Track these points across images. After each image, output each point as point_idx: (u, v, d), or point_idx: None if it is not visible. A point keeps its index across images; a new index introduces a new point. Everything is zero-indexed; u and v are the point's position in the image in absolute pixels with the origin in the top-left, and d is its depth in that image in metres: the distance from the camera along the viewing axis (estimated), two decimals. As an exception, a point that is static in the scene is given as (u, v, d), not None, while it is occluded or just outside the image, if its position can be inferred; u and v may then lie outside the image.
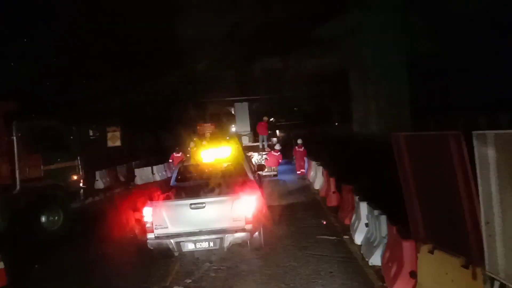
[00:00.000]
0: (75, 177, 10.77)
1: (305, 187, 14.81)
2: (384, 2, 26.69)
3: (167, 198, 7.26)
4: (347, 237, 7.86)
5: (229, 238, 6.46)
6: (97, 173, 18.16)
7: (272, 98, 41.00)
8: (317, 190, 13.18)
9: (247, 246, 6.83)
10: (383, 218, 6.09)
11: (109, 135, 18.61)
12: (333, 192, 10.59)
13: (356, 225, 7.59)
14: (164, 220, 6.61)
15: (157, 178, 20.09)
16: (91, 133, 14.93)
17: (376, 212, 6.41)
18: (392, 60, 27.43)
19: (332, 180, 10.64)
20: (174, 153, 20.02)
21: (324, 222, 9.50)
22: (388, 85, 27.43)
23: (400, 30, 26.98)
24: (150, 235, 6.61)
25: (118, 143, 18.71)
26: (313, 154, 18.44)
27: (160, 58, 30.02)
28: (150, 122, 33.13)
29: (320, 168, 13.32)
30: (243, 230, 6.52)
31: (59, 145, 10.48)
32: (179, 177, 8.35)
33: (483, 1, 27.69)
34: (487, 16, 27.33)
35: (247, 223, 6.54)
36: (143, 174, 19.64)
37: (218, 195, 7.23)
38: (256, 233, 6.80)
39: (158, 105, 32.31)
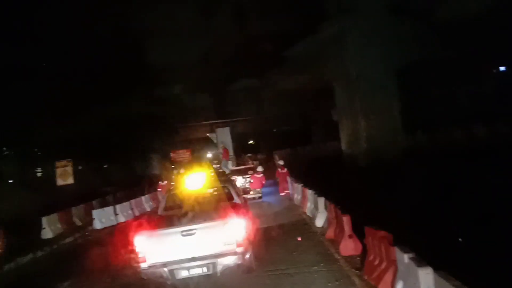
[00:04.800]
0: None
1: (293, 209, 14.23)
2: (368, 7, 24.66)
3: (158, 227, 7.15)
4: (393, 320, 4.95)
5: (222, 262, 6.55)
6: (44, 220, 14.74)
7: (253, 120, 38.73)
8: (320, 228, 10.25)
9: (239, 269, 6.80)
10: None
11: (59, 171, 15.33)
12: (349, 236, 7.69)
13: (409, 302, 4.70)
14: (156, 248, 6.63)
15: (122, 219, 16.74)
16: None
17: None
18: (380, 69, 25.29)
19: (346, 220, 7.76)
20: (160, 182, 20.73)
21: (299, 239, 9.55)
22: (377, 97, 25.12)
23: (386, 37, 25.00)
24: (143, 265, 6.62)
25: (70, 180, 15.43)
26: (300, 177, 16.81)
27: (131, 82, 27.36)
28: (121, 152, 29.74)
29: (322, 200, 10.43)
30: (235, 253, 6.59)
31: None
32: (167, 206, 8.19)
33: (471, 8, 26.25)
34: (477, 22, 25.84)
35: (238, 246, 6.62)
36: (103, 216, 16.22)
37: (208, 220, 6.97)
38: (247, 255, 6.79)
39: (129, 134, 29.07)
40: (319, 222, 10.41)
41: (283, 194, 17.61)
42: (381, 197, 12.19)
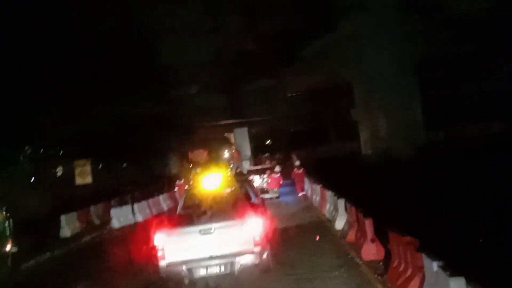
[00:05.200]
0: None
1: (311, 210, 14.11)
2: (382, 3, 24.17)
3: (176, 225, 7.19)
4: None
5: (239, 262, 6.57)
6: (63, 218, 14.85)
7: (269, 120, 38.48)
8: (340, 231, 9.97)
9: (257, 269, 6.76)
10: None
11: (78, 170, 15.40)
12: (372, 240, 7.40)
13: (439, 313, 4.41)
14: (175, 247, 6.72)
15: (139, 218, 16.75)
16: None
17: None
18: (398, 66, 24.77)
19: (368, 223, 7.47)
20: (177, 181, 21.07)
21: (318, 237, 9.59)
22: (397, 95, 24.58)
23: (402, 34, 24.50)
24: (162, 263, 6.70)
25: (88, 179, 15.50)
26: (317, 178, 16.52)
27: (148, 82, 27.52)
28: (139, 151, 29.95)
29: (342, 202, 10.14)
30: (252, 252, 6.62)
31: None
32: (185, 205, 8.06)
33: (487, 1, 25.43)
34: (492, 15, 24.98)
35: (255, 245, 6.65)
36: (121, 215, 16.27)
37: (226, 220, 6.97)
38: (265, 254, 6.79)
39: (147, 133, 29.23)
40: (339, 224, 10.12)
41: (300, 194, 17.77)
42: (401, 200, 11.78)
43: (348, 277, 6.79)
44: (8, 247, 7.79)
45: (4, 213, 7.79)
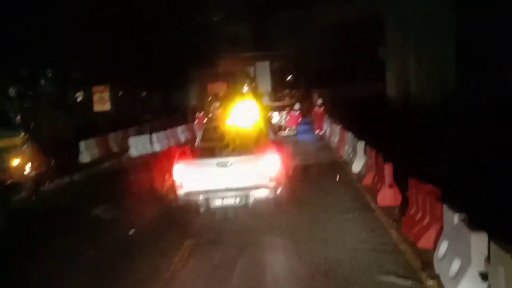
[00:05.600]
0: (16, 161, 7.57)
1: (328, 150, 14.08)
2: None
3: (195, 157, 7.50)
4: (432, 282, 4.54)
5: (253, 195, 6.77)
6: (82, 144, 15.08)
7: (293, 54, 37.14)
8: (356, 174, 9.75)
9: (270, 203, 6.92)
10: None
11: (96, 96, 15.31)
12: (390, 186, 7.18)
13: (455, 266, 4.21)
14: (193, 177, 6.95)
15: (157, 148, 16.91)
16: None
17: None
18: (435, 5, 22.87)
19: (388, 168, 7.20)
20: (197, 114, 21.71)
21: (338, 176, 9.77)
22: (430, 35, 22.94)
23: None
24: (180, 191, 6.98)
25: (107, 106, 15.44)
26: (338, 118, 16.25)
27: (170, 8, 26.43)
28: (159, 80, 29.60)
29: (362, 145, 9.83)
30: (267, 187, 6.78)
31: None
32: (204, 137, 8.29)
33: None
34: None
35: (270, 180, 6.80)
36: (139, 144, 16.44)
37: (243, 154, 7.21)
38: (279, 190, 6.90)
39: (168, 62, 28.60)
40: (356, 167, 9.89)
41: (316, 132, 17.82)
42: (423, 148, 11.31)
43: (361, 220, 6.66)
44: (27, 171, 7.90)
45: (22, 135, 7.78)
